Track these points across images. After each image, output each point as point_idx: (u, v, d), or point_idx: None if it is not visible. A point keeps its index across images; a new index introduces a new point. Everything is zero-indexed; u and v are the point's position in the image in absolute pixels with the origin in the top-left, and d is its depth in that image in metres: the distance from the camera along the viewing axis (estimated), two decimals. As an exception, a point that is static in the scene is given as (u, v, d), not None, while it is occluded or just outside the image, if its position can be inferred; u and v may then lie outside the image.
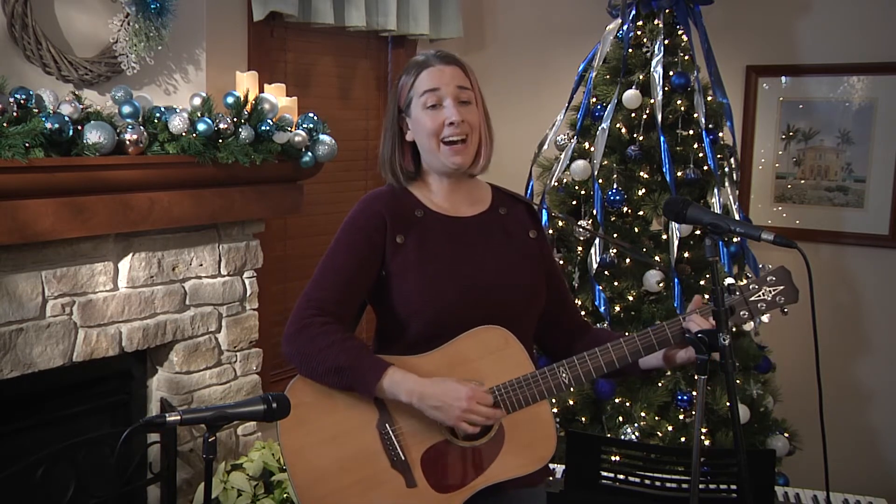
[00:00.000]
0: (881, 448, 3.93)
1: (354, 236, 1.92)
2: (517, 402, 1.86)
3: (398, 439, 1.86)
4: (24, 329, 2.59)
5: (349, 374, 1.82)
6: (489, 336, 1.88)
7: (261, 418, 1.65)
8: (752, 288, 1.91)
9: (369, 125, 4.08)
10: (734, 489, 2.27)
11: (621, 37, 3.55)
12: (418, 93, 1.92)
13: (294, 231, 3.72)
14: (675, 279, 3.29)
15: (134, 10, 2.78)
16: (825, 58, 3.87)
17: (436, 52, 1.97)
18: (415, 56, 1.99)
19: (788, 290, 1.92)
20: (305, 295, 1.90)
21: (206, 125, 2.77)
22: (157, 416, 1.59)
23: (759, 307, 1.91)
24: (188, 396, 3.10)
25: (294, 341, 1.86)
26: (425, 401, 1.80)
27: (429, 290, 1.88)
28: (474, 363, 1.87)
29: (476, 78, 1.96)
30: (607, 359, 1.89)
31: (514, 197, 2.08)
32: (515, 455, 1.88)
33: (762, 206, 4.06)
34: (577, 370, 1.89)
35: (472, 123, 1.91)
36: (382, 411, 1.87)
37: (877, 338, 3.91)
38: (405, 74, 1.97)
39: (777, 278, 1.91)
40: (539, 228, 2.06)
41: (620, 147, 3.47)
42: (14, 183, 2.38)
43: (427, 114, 1.90)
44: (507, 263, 1.96)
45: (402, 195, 1.97)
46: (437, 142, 1.90)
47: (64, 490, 2.74)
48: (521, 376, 1.87)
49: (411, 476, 1.85)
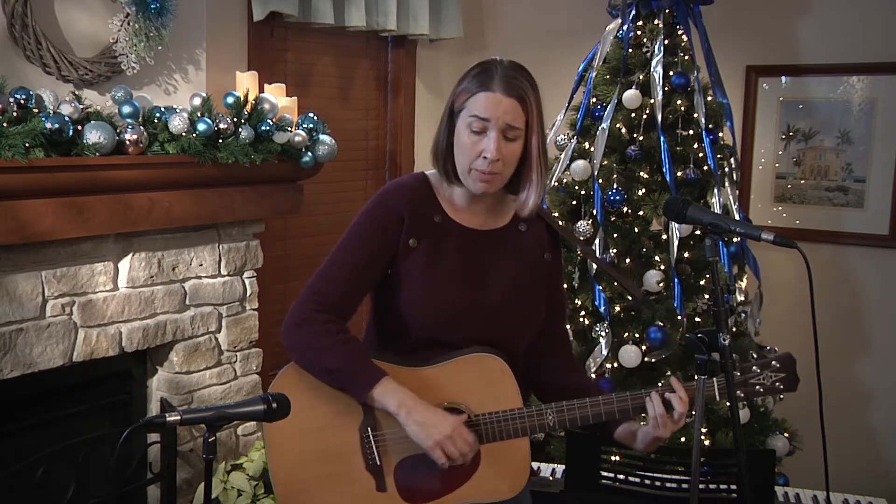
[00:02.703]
0: (881, 448, 3.93)
1: (370, 232, 1.89)
2: (498, 434, 1.87)
3: (377, 444, 1.87)
4: (24, 329, 2.59)
5: (345, 376, 1.83)
6: (487, 364, 1.88)
7: (261, 418, 1.65)
8: (754, 370, 1.89)
9: (369, 125, 4.08)
10: (734, 489, 2.27)
11: (621, 37, 3.55)
12: (469, 111, 1.83)
13: (294, 231, 3.72)
14: (675, 279, 3.29)
15: (134, 10, 2.78)
16: (825, 58, 3.87)
17: (504, 73, 1.82)
18: (486, 61, 1.86)
19: (789, 379, 1.90)
20: (311, 286, 1.89)
21: (206, 125, 2.77)
22: (157, 416, 1.59)
23: (757, 390, 1.90)
24: (188, 396, 3.10)
25: (294, 334, 1.85)
26: (412, 415, 1.80)
27: (429, 299, 1.88)
28: (465, 386, 1.88)
29: (538, 106, 1.84)
30: (595, 411, 1.88)
31: (539, 215, 2.01)
32: (488, 481, 1.89)
33: (762, 206, 4.06)
34: (563, 416, 1.88)
35: (507, 159, 1.83)
36: (368, 414, 1.87)
37: (877, 338, 3.91)
38: (468, 79, 1.86)
39: (780, 365, 1.90)
40: (556, 252, 2.03)
41: (620, 147, 3.47)
42: (14, 183, 2.38)
43: (469, 136, 1.83)
44: (513, 283, 1.94)
45: (426, 194, 1.93)
46: (469, 167, 1.84)
47: (64, 490, 2.74)
48: (508, 410, 1.87)
49: (383, 481, 1.87)
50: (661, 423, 1.85)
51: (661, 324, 3.30)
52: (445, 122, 1.89)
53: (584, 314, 3.43)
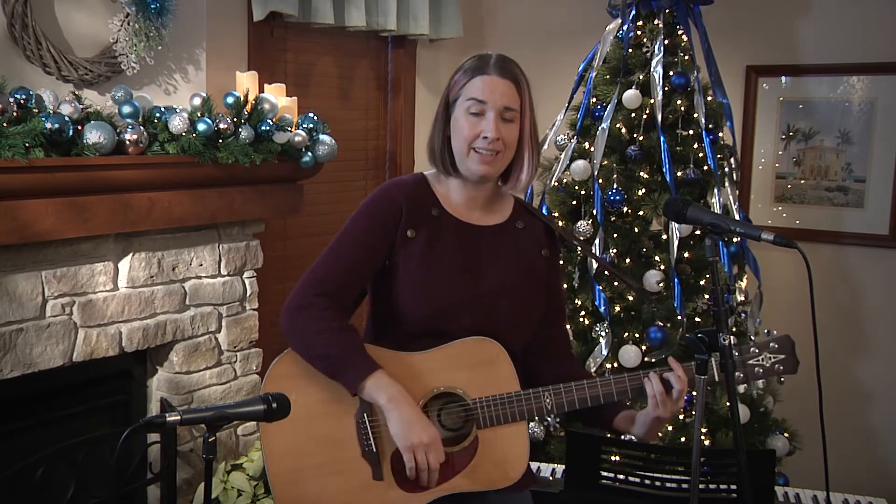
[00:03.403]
0: (881, 448, 3.93)
1: (370, 222, 1.93)
2: (495, 419, 1.87)
3: (374, 431, 1.87)
4: (24, 329, 2.59)
5: (337, 364, 1.84)
6: (483, 348, 1.89)
7: (261, 418, 1.65)
8: (753, 351, 1.90)
9: (369, 125, 4.08)
10: (734, 489, 2.27)
11: (621, 37, 3.55)
12: (466, 96, 1.90)
13: (294, 231, 3.72)
14: (675, 279, 3.29)
15: (134, 10, 2.78)
16: (825, 58, 3.87)
17: (497, 58, 1.92)
18: (479, 53, 1.95)
19: (789, 361, 1.91)
20: (312, 271, 1.92)
21: (206, 125, 2.77)
22: (157, 416, 1.59)
23: (756, 371, 1.91)
24: (188, 396, 3.10)
25: (292, 317, 1.88)
26: (399, 410, 1.81)
27: (427, 289, 1.89)
28: (462, 371, 1.88)
29: (529, 91, 1.93)
30: (593, 392, 1.90)
31: (536, 215, 2.07)
32: (485, 469, 1.89)
33: (762, 206, 4.06)
34: (561, 398, 1.89)
35: (507, 141, 1.89)
36: (363, 402, 1.87)
37: (877, 338, 3.91)
38: (462, 71, 1.94)
39: (780, 346, 1.91)
40: (553, 250, 2.05)
41: (620, 147, 3.47)
42: (14, 183, 2.38)
43: (468, 119, 1.89)
44: (510, 276, 1.96)
45: (423, 190, 1.97)
46: (469, 148, 1.89)
47: (64, 490, 2.74)
48: (505, 393, 1.88)
49: (379, 469, 1.87)
50: (661, 402, 1.86)
51: (661, 324, 3.30)
52: (441, 115, 1.95)
53: (584, 314, 3.43)
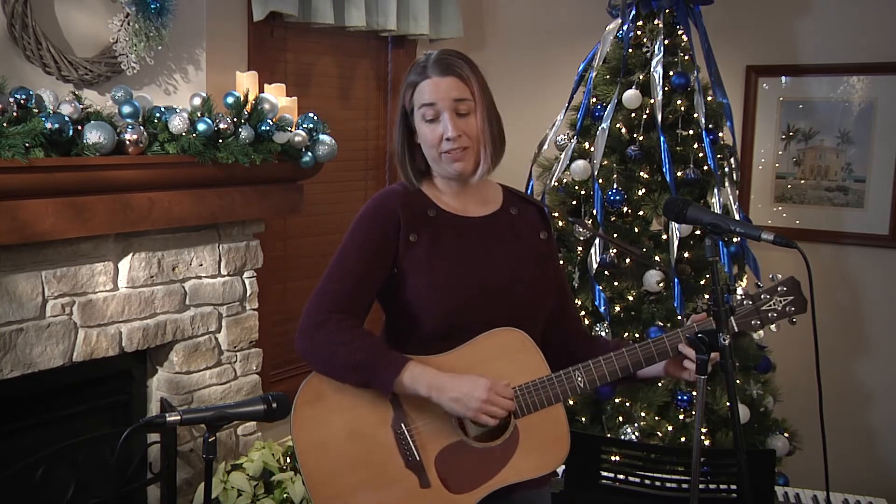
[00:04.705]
0: (881, 448, 3.93)
1: (369, 232, 1.92)
2: (533, 405, 1.88)
3: (413, 439, 1.86)
4: (24, 329, 2.59)
5: (368, 370, 1.81)
6: (507, 338, 1.89)
7: (261, 418, 1.66)
8: (764, 297, 1.92)
9: (369, 125, 4.08)
10: (734, 489, 2.27)
11: (621, 37, 3.55)
12: (418, 104, 1.91)
13: (294, 231, 3.72)
14: (675, 279, 3.29)
15: (134, 10, 2.78)
16: (825, 58, 3.87)
17: (436, 58, 1.92)
18: (418, 58, 1.97)
19: (798, 300, 1.93)
20: (320, 288, 1.90)
21: (206, 125, 2.77)
22: (157, 416, 1.59)
23: (770, 316, 1.93)
24: (188, 396, 3.10)
25: (310, 338, 1.86)
26: (445, 393, 1.80)
27: (441, 288, 1.89)
28: (491, 364, 1.87)
29: (478, 77, 1.92)
30: (622, 363, 1.92)
31: (526, 199, 2.08)
32: (529, 457, 1.88)
33: (762, 206, 4.06)
34: (591, 374, 1.91)
35: (470, 133, 1.90)
36: (398, 410, 1.86)
37: (877, 338, 3.91)
38: (407, 82, 1.94)
39: (787, 288, 1.93)
40: (549, 231, 2.07)
41: (620, 147, 3.47)
42: (14, 183, 2.38)
43: (426, 126, 1.90)
44: (518, 262, 1.97)
45: (415, 194, 1.97)
46: (438, 153, 1.91)
47: (64, 490, 2.74)
48: (538, 379, 1.88)
49: (425, 476, 1.85)
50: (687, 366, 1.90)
51: (660, 324, 3.30)
52: (401, 126, 1.97)
53: (584, 314, 3.43)
